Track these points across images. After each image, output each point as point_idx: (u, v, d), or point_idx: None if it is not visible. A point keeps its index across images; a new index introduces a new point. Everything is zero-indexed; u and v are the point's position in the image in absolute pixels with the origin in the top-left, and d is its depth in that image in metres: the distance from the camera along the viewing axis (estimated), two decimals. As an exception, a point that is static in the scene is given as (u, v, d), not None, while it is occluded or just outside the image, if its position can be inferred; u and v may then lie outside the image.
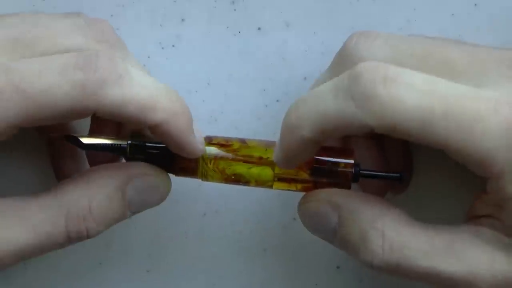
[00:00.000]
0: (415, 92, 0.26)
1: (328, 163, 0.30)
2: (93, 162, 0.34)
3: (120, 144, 0.31)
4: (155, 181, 0.30)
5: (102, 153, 0.32)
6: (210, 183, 0.32)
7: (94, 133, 0.33)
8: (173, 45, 0.36)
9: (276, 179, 0.31)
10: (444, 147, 0.26)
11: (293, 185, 0.31)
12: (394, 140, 0.34)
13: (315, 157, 0.30)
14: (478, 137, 0.26)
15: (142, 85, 0.28)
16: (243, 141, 0.31)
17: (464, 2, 0.35)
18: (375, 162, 0.33)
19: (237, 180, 0.31)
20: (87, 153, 0.34)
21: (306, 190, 0.31)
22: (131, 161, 0.31)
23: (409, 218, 0.29)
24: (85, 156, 0.34)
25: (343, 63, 0.30)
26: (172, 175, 0.31)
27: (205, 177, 0.31)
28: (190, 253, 0.36)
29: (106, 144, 0.30)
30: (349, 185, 0.30)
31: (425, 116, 0.26)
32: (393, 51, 0.29)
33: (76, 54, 0.27)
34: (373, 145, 0.34)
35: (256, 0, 0.36)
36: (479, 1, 0.35)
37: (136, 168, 0.30)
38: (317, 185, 0.31)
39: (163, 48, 0.36)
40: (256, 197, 0.36)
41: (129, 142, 0.31)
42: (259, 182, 0.31)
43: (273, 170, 0.31)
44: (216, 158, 0.31)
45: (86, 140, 0.30)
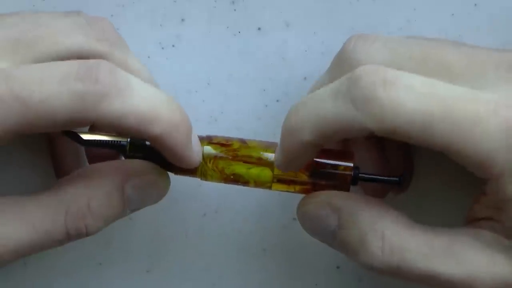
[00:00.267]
0: (415, 95, 0.26)
1: (328, 166, 0.30)
2: (93, 160, 0.34)
3: (120, 142, 0.30)
4: (154, 179, 0.30)
5: (102, 150, 0.32)
6: (210, 183, 0.32)
7: (95, 129, 0.33)
8: (173, 45, 0.36)
9: (275, 180, 0.31)
10: (444, 149, 0.26)
11: (292, 187, 0.31)
12: (395, 142, 0.34)
13: (315, 160, 0.30)
14: (478, 139, 0.26)
15: (143, 97, 0.27)
16: (243, 141, 0.31)
17: (464, 2, 0.35)
18: (375, 164, 0.33)
19: (236, 180, 0.31)
20: (87, 150, 0.34)
21: (305, 192, 0.31)
22: (131, 159, 0.31)
23: (409, 221, 0.29)
24: (85, 154, 0.34)
25: (342, 66, 0.30)
26: (171, 174, 0.31)
27: (204, 177, 0.31)
28: (190, 253, 0.36)
29: (106, 141, 0.30)
30: (348, 188, 0.30)
31: (425, 119, 0.26)
32: (392, 54, 0.29)
33: (78, 64, 0.27)
34: (374, 147, 0.34)
35: (256, 0, 0.36)
36: (479, 1, 0.35)
37: (136, 166, 0.30)
38: (316, 187, 0.31)
39: (163, 48, 0.36)
40: (256, 197, 0.36)
41: (129, 140, 0.31)
42: (258, 183, 0.31)
43: (273, 171, 0.31)
44: (216, 158, 0.31)
45: (86, 136, 0.30)
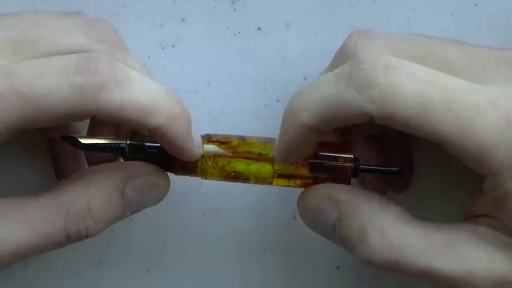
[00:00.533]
0: (416, 81, 0.26)
1: (328, 158, 0.30)
2: (92, 162, 0.34)
3: (119, 144, 0.30)
4: (154, 181, 0.30)
5: (101, 153, 0.32)
6: (210, 183, 0.32)
7: (93, 133, 0.33)
8: (173, 45, 0.36)
9: (276, 176, 0.31)
10: (442, 140, 0.26)
11: (293, 181, 0.31)
12: (395, 141, 0.34)
13: (315, 153, 0.30)
14: (476, 131, 0.26)
15: (142, 89, 0.27)
16: (242, 138, 0.31)
17: (464, 2, 0.35)
18: (375, 162, 0.33)
19: (237, 177, 0.31)
20: (86, 154, 0.34)
21: (306, 186, 0.31)
22: (130, 161, 0.31)
23: (409, 216, 0.29)
24: (85, 157, 0.34)
25: (343, 62, 0.30)
26: (172, 174, 0.31)
27: (205, 175, 0.31)
28: (190, 253, 0.36)
29: (105, 144, 0.30)
30: (349, 180, 0.30)
31: (425, 105, 0.26)
32: (393, 50, 0.29)
33: (76, 57, 0.27)
34: (374, 146, 0.34)
35: (256, 0, 0.36)
36: (479, 1, 0.35)
37: (135, 168, 0.30)
38: (317, 181, 0.31)
39: (163, 48, 0.36)
40: (256, 197, 0.36)
41: (128, 142, 0.31)
42: (259, 179, 0.31)
43: (273, 167, 0.31)
44: (216, 156, 0.31)
45: (85, 141, 0.30)
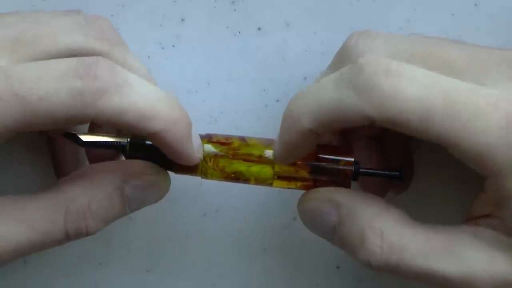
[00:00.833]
0: (416, 85, 0.26)
1: (328, 161, 0.30)
2: (93, 160, 0.34)
3: (120, 142, 0.30)
4: (155, 179, 0.30)
5: (102, 151, 0.32)
6: (211, 183, 0.32)
7: (94, 130, 0.33)
8: (173, 45, 0.36)
9: (276, 177, 0.31)
10: (443, 142, 0.26)
11: (293, 183, 0.31)
12: (395, 142, 0.34)
13: (315, 155, 0.30)
14: (477, 133, 0.26)
15: (141, 94, 0.27)
16: (243, 139, 0.31)
17: (464, 2, 0.35)
18: (376, 164, 0.33)
19: (237, 178, 0.31)
20: (87, 151, 0.34)
21: (306, 188, 0.31)
22: (131, 159, 0.31)
23: (408, 219, 0.29)
24: (85, 154, 0.34)
25: (343, 62, 0.30)
26: (172, 173, 0.31)
27: (205, 175, 0.31)
28: (190, 253, 0.36)
29: (106, 142, 0.30)
30: (349, 183, 0.30)
31: (425, 108, 0.26)
32: (393, 50, 0.29)
33: (76, 61, 0.27)
34: (374, 148, 0.34)
35: (256, 0, 0.36)
36: (479, 1, 0.35)
37: (136, 166, 0.30)
38: (317, 183, 0.31)
39: (163, 48, 0.36)
40: (256, 197, 0.36)
41: (129, 140, 0.30)
42: (259, 180, 0.31)
43: (273, 169, 0.31)
44: (216, 156, 0.31)
45: (86, 138, 0.30)
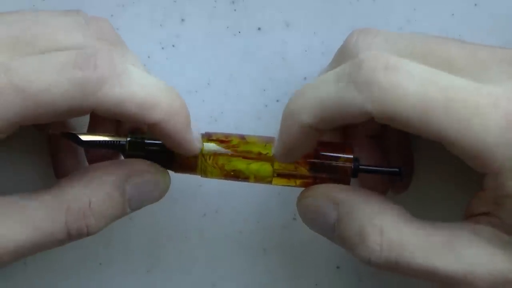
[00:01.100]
0: (416, 80, 0.26)
1: (328, 158, 0.30)
2: (92, 160, 0.34)
3: (119, 141, 0.31)
4: (155, 178, 0.30)
5: (101, 151, 0.32)
6: (210, 183, 0.32)
7: (93, 130, 0.33)
8: (173, 45, 0.36)
9: (276, 175, 0.31)
10: (442, 139, 0.26)
11: (293, 181, 0.31)
12: (395, 140, 0.34)
13: (314, 152, 0.30)
14: (477, 131, 0.26)
15: (141, 84, 0.28)
16: (243, 137, 0.31)
17: (464, 2, 0.35)
18: (376, 162, 0.33)
19: (236, 176, 0.31)
20: (86, 151, 0.34)
21: (306, 186, 0.31)
22: (130, 158, 0.31)
23: (408, 215, 0.29)
24: (85, 155, 0.34)
25: (344, 60, 0.30)
26: (172, 173, 0.31)
27: (204, 173, 0.31)
28: (190, 253, 0.36)
29: (105, 141, 0.30)
30: (349, 180, 0.30)
31: (425, 105, 0.26)
32: (393, 49, 0.29)
33: (76, 52, 0.27)
34: (374, 146, 0.34)
35: (256, 0, 0.36)
36: (479, 1, 0.35)
37: (136, 165, 0.30)
38: (317, 181, 0.30)
39: (163, 48, 0.36)
40: (256, 197, 0.36)
41: (128, 139, 0.31)
42: (258, 178, 0.31)
43: (273, 166, 0.31)
44: (216, 154, 0.31)
45: (85, 137, 0.30)
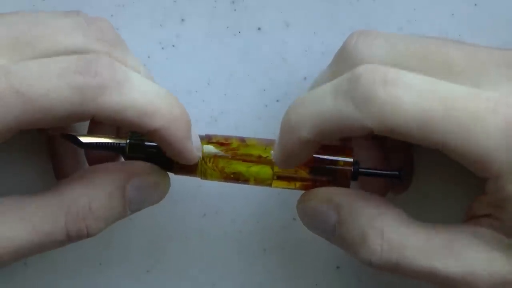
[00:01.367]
0: (415, 93, 0.26)
1: (327, 162, 0.30)
2: (92, 161, 0.34)
3: (119, 143, 0.31)
4: (155, 180, 0.30)
5: (101, 153, 0.32)
6: (210, 184, 0.32)
7: (93, 132, 0.33)
8: (173, 45, 0.36)
9: (275, 178, 0.31)
10: (443, 148, 0.26)
11: (292, 184, 0.31)
12: (396, 142, 0.34)
13: (314, 156, 0.30)
14: (477, 137, 0.26)
15: (142, 91, 0.27)
16: (243, 140, 0.31)
17: (464, 2, 0.35)
18: (376, 164, 0.33)
19: (236, 179, 0.31)
20: (86, 152, 0.34)
21: (306, 189, 0.31)
22: (131, 160, 0.31)
23: (409, 218, 0.29)
24: (85, 156, 0.34)
25: (343, 62, 0.30)
26: (172, 174, 0.31)
27: (204, 176, 0.31)
28: (190, 254, 0.36)
29: (105, 143, 0.30)
30: (348, 184, 0.30)
31: (424, 117, 0.26)
32: (393, 51, 0.29)
33: (77, 58, 0.27)
34: (374, 147, 0.34)
35: (256, 0, 0.36)
36: (479, 1, 0.35)
37: (136, 167, 0.30)
38: (316, 184, 0.31)
39: (163, 48, 0.36)
40: (256, 198, 0.36)
41: (128, 141, 0.31)
42: (258, 181, 0.31)
43: (272, 169, 0.31)
44: (216, 157, 0.31)
45: (85, 139, 0.30)
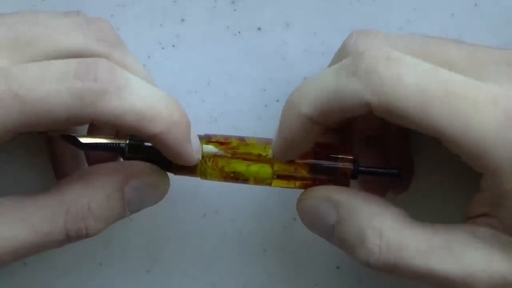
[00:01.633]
0: (416, 73, 0.26)
1: (327, 160, 0.30)
2: (92, 162, 0.34)
3: (119, 144, 0.31)
4: (154, 180, 0.30)
5: (101, 153, 0.32)
6: (210, 184, 0.32)
7: (93, 133, 0.33)
8: (173, 45, 0.36)
9: (275, 176, 0.31)
10: (440, 134, 0.26)
11: (292, 182, 0.31)
12: (395, 141, 0.34)
13: (314, 154, 0.30)
14: (475, 127, 0.26)
15: (142, 96, 0.27)
16: (242, 139, 0.31)
17: (464, 2, 0.35)
18: (375, 164, 0.33)
19: (236, 178, 0.31)
20: (86, 153, 0.34)
21: (305, 187, 0.31)
22: (130, 160, 0.31)
23: (407, 218, 0.29)
24: (84, 157, 0.34)
25: None
26: (171, 174, 0.31)
27: (204, 175, 0.31)
28: (190, 253, 0.36)
29: (105, 144, 0.30)
30: (348, 182, 0.30)
31: (424, 97, 0.26)
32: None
33: (77, 62, 0.27)
34: (373, 146, 0.34)
35: (256, 0, 0.36)
36: (479, 1, 0.35)
37: (135, 168, 0.30)
38: (316, 182, 0.30)
39: (163, 48, 0.36)
40: (256, 198, 0.36)
41: (128, 142, 0.31)
42: (258, 180, 0.31)
43: (272, 168, 0.31)
44: (215, 156, 0.31)
45: (85, 140, 0.30)
